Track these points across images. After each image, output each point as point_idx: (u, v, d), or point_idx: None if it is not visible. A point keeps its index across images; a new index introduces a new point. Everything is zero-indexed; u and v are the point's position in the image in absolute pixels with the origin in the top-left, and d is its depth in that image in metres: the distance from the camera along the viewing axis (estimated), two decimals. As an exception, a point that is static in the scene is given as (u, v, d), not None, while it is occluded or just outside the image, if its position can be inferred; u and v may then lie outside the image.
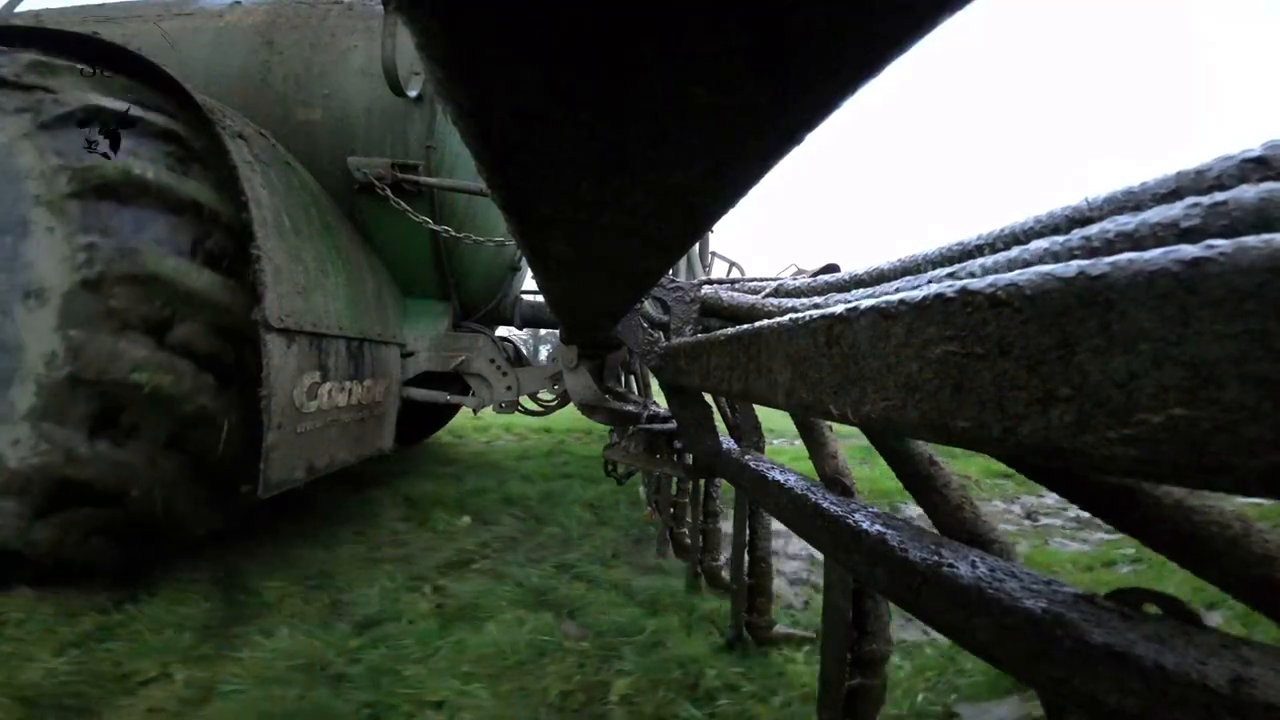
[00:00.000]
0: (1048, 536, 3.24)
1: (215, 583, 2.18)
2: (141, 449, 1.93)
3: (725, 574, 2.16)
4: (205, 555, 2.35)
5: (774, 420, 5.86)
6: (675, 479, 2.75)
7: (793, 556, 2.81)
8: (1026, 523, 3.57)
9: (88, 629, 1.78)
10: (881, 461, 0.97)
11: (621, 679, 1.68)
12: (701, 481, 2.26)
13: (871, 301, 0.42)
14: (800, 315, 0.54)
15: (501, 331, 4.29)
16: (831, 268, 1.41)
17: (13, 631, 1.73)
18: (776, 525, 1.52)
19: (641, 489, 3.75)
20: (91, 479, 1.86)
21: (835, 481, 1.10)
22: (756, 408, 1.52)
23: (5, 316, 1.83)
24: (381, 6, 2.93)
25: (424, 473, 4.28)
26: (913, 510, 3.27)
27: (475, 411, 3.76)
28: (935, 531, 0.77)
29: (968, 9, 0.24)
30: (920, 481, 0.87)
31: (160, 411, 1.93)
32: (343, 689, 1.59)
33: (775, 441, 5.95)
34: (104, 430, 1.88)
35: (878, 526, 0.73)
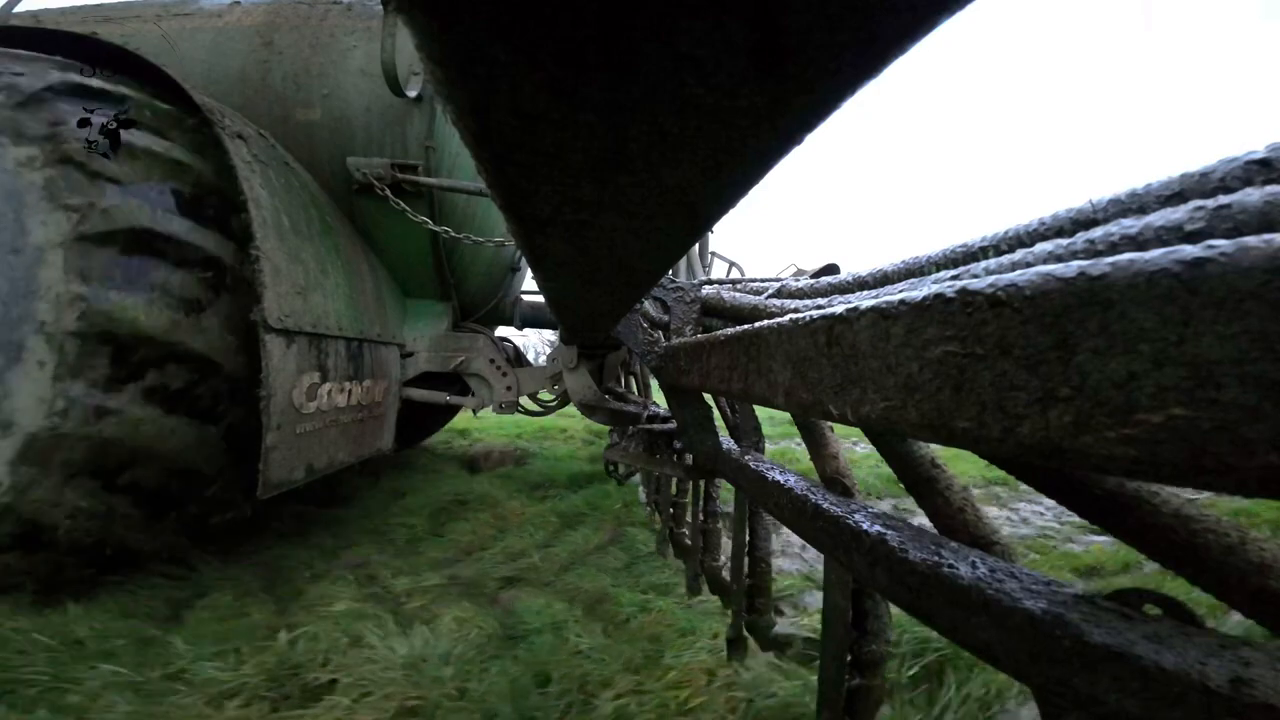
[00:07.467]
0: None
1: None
2: None
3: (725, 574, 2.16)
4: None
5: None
6: (674, 479, 2.75)
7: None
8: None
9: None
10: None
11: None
12: (701, 482, 2.26)
13: (871, 302, 0.41)
14: (800, 315, 0.53)
15: (506, 332, 4.28)
16: (831, 268, 1.41)
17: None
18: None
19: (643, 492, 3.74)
20: None
21: (835, 482, 1.10)
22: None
23: None
24: (381, 6, 2.92)
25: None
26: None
27: (475, 412, 3.75)
28: (935, 532, 0.77)
29: (969, 9, 0.24)
30: (922, 484, 0.87)
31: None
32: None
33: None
34: None
35: (878, 527, 0.72)
